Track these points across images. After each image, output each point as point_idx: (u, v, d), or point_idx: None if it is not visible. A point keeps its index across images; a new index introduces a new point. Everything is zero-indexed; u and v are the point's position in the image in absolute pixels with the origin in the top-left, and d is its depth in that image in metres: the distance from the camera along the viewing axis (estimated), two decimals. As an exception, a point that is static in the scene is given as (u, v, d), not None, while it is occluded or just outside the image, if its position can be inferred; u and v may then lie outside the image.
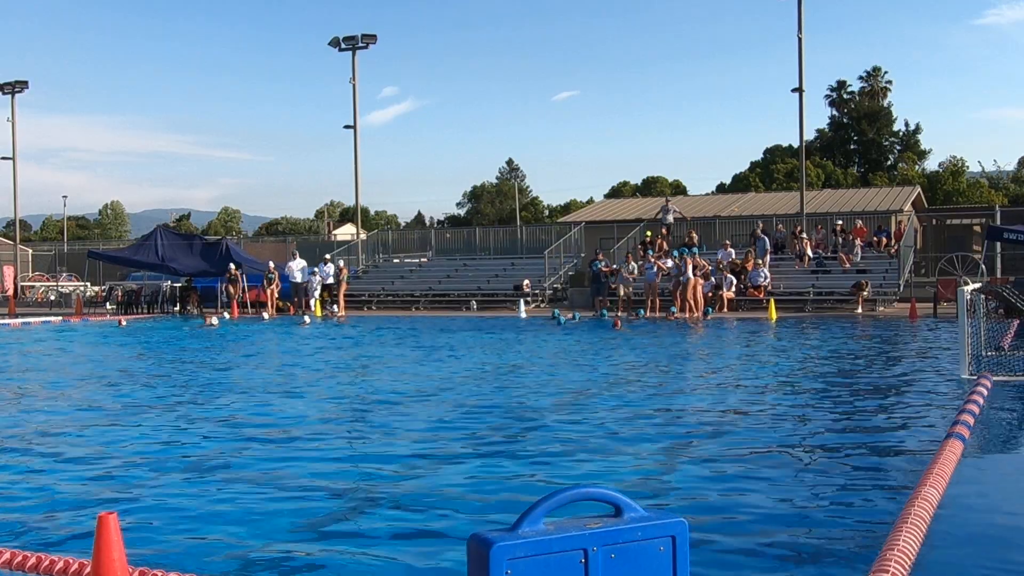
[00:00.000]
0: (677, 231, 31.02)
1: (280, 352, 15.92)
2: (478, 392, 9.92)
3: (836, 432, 7.36)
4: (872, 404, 8.85)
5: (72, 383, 11.30)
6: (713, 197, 52.35)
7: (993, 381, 9.37)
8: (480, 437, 7.19)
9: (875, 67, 72.71)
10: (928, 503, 4.36)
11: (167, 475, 6.00)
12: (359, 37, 36.61)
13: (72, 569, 3.62)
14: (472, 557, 2.48)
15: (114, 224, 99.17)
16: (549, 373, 11.64)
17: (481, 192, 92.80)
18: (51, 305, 35.87)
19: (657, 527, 2.61)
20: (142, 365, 13.64)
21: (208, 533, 4.68)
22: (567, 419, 7.96)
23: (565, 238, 33.12)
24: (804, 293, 26.23)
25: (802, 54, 30.48)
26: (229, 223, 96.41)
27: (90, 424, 8.12)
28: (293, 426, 7.86)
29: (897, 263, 26.73)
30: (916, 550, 3.68)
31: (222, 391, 10.38)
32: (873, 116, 69.80)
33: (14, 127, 41.52)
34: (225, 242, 31.97)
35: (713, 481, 5.64)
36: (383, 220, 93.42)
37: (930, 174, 64.77)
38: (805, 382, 10.58)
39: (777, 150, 70.17)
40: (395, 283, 33.03)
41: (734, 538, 4.45)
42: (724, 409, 8.54)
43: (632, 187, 77.30)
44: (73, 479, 5.93)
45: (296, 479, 5.82)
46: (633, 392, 9.70)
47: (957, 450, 5.79)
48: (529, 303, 28.33)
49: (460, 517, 4.86)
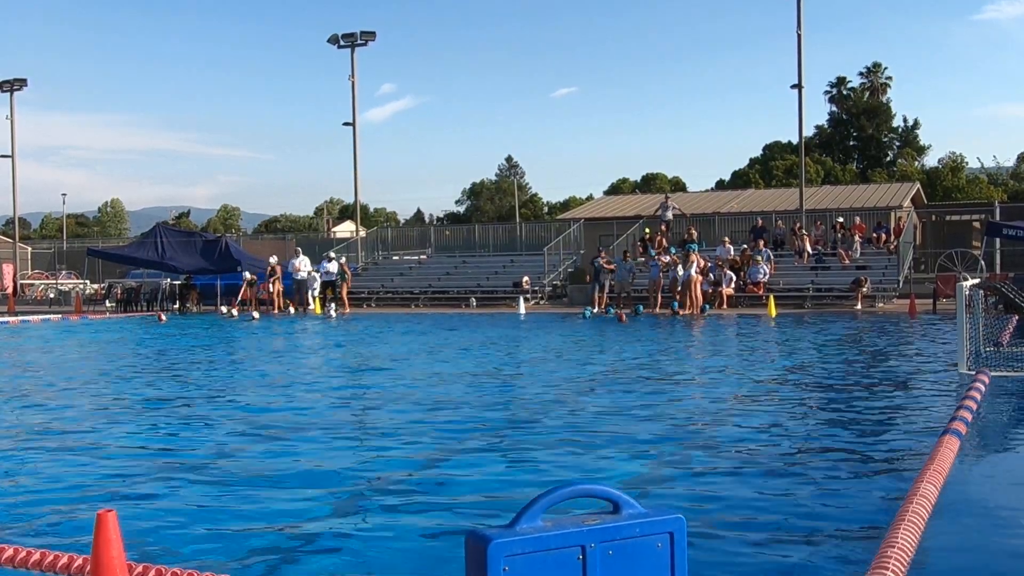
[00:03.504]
0: (676, 228, 31.03)
1: (283, 349, 15.92)
2: (477, 388, 9.92)
3: (834, 428, 7.37)
4: (871, 400, 8.86)
5: (80, 379, 11.30)
6: (712, 194, 52.41)
7: (991, 377, 9.38)
8: (478, 434, 7.19)
9: (875, 63, 72.79)
10: (926, 500, 4.37)
11: (167, 472, 6.00)
12: (358, 34, 36.62)
13: (76, 565, 3.63)
14: (469, 554, 2.48)
15: (114, 222, 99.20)
16: (549, 370, 11.65)
17: (480, 189, 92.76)
18: (50, 303, 35.87)
19: (655, 523, 2.62)
20: (153, 361, 13.64)
21: (207, 530, 4.69)
22: (566, 416, 7.96)
23: (564, 235, 33.13)
24: (803, 289, 26.25)
25: (801, 50, 30.51)
26: (229, 221, 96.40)
27: (91, 421, 8.12)
28: (293, 423, 7.86)
29: (896, 259, 26.75)
30: (915, 547, 3.69)
31: (224, 388, 10.38)
32: (872, 112, 69.82)
33: (13, 125, 41.55)
34: (225, 240, 31.99)
35: (711, 477, 5.65)
36: (382, 217, 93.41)
37: (929, 170, 64.82)
38: (804, 378, 10.59)
39: (776, 146, 70.16)
40: (394, 280, 33.05)
41: (731, 534, 4.46)
42: (722, 405, 8.55)
43: (631, 184, 77.27)
44: (73, 476, 5.94)
45: (295, 476, 5.83)
46: (632, 388, 9.70)
47: (955, 446, 5.79)
48: (528, 300, 28.33)
49: (457, 514, 4.87)
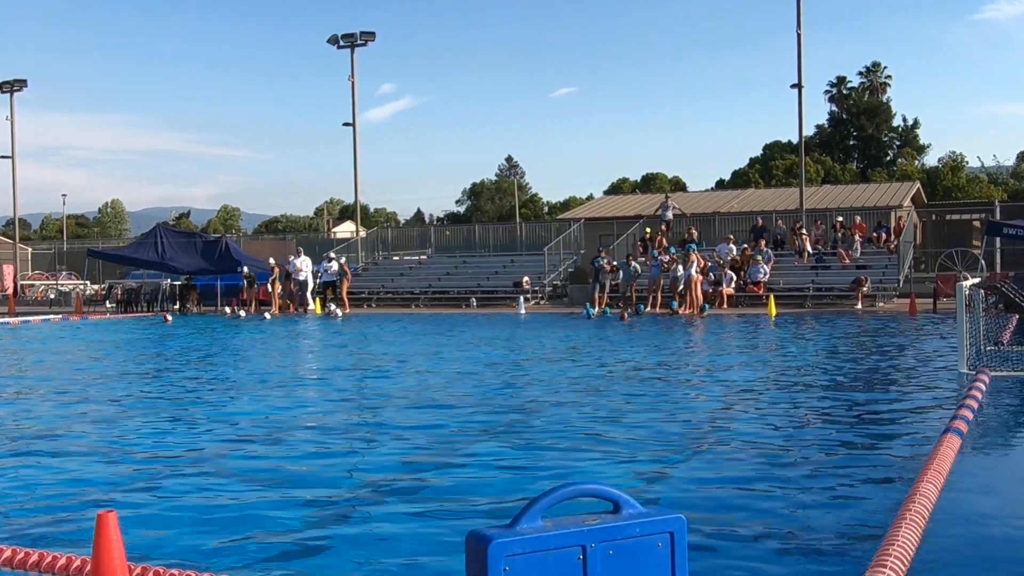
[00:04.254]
0: (677, 227, 31.04)
1: (285, 349, 15.92)
2: (477, 388, 9.92)
3: (835, 427, 7.37)
4: (871, 399, 8.86)
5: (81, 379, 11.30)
6: (712, 193, 52.37)
7: (992, 376, 9.38)
8: (478, 434, 7.19)
9: (874, 63, 72.80)
10: (926, 499, 4.37)
11: (167, 471, 6.00)
12: (358, 35, 36.62)
13: (74, 566, 3.64)
14: (470, 553, 2.48)
15: (114, 222, 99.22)
16: (549, 369, 11.65)
17: (480, 189, 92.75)
18: (51, 303, 35.87)
19: (655, 523, 2.62)
20: (156, 361, 13.64)
21: (208, 530, 4.69)
22: (566, 415, 7.96)
23: (565, 235, 33.13)
24: (804, 289, 26.24)
25: (801, 50, 30.49)
26: (229, 221, 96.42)
27: (92, 421, 8.11)
28: (294, 423, 7.86)
29: (896, 259, 26.74)
30: (915, 546, 3.69)
31: (225, 387, 10.38)
32: (872, 112, 69.82)
33: (13, 125, 41.54)
34: (225, 240, 32.02)
35: (711, 477, 5.65)
36: (382, 217, 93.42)
37: (929, 170, 64.81)
38: (804, 378, 10.58)
39: (776, 146, 70.16)
40: (395, 280, 33.05)
41: (732, 533, 4.46)
42: (722, 404, 8.55)
43: (632, 183, 77.26)
44: (74, 475, 5.93)
45: (296, 476, 5.83)
46: (632, 388, 9.70)
47: (955, 445, 5.79)
48: (529, 300, 28.33)
49: (457, 514, 4.87)
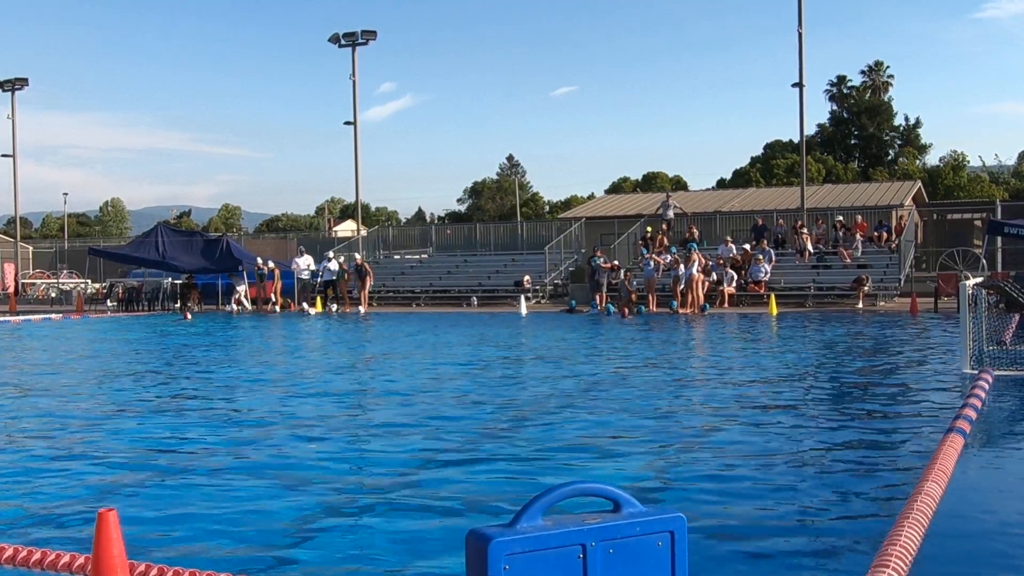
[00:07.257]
0: (678, 227, 31.03)
1: (286, 348, 15.92)
2: (478, 386, 9.91)
3: (836, 426, 7.35)
4: (873, 399, 8.85)
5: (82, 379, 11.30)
6: (713, 192, 52.40)
7: (995, 376, 9.36)
8: (478, 433, 7.18)
9: (876, 62, 72.88)
10: (929, 498, 4.35)
11: (168, 470, 5.99)
12: (359, 33, 36.65)
13: (77, 564, 3.64)
14: (470, 552, 2.47)
15: (115, 221, 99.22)
16: (550, 369, 11.64)
17: (481, 188, 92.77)
18: (52, 302, 35.90)
19: (655, 522, 2.61)
20: (156, 363, 13.64)
21: (208, 529, 4.68)
22: (566, 414, 7.95)
23: (566, 234, 33.13)
24: (805, 288, 26.24)
25: (802, 49, 30.49)
26: (230, 220, 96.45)
27: (92, 420, 8.11)
28: (294, 422, 7.85)
29: (898, 258, 26.72)
30: (917, 545, 3.68)
31: (226, 386, 10.37)
32: (873, 111, 69.83)
33: (14, 124, 41.58)
34: (226, 239, 32.05)
35: (712, 476, 5.63)
36: (383, 216, 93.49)
37: (931, 169, 64.85)
38: (805, 377, 10.56)
39: (777, 145, 70.17)
40: (396, 279, 33.06)
41: (733, 533, 4.44)
42: (723, 404, 8.53)
43: (632, 182, 77.30)
44: (74, 475, 5.92)
45: (296, 475, 5.81)
46: (633, 387, 9.68)
47: (958, 445, 5.78)
48: (530, 299, 28.33)
49: (457, 513, 4.85)
